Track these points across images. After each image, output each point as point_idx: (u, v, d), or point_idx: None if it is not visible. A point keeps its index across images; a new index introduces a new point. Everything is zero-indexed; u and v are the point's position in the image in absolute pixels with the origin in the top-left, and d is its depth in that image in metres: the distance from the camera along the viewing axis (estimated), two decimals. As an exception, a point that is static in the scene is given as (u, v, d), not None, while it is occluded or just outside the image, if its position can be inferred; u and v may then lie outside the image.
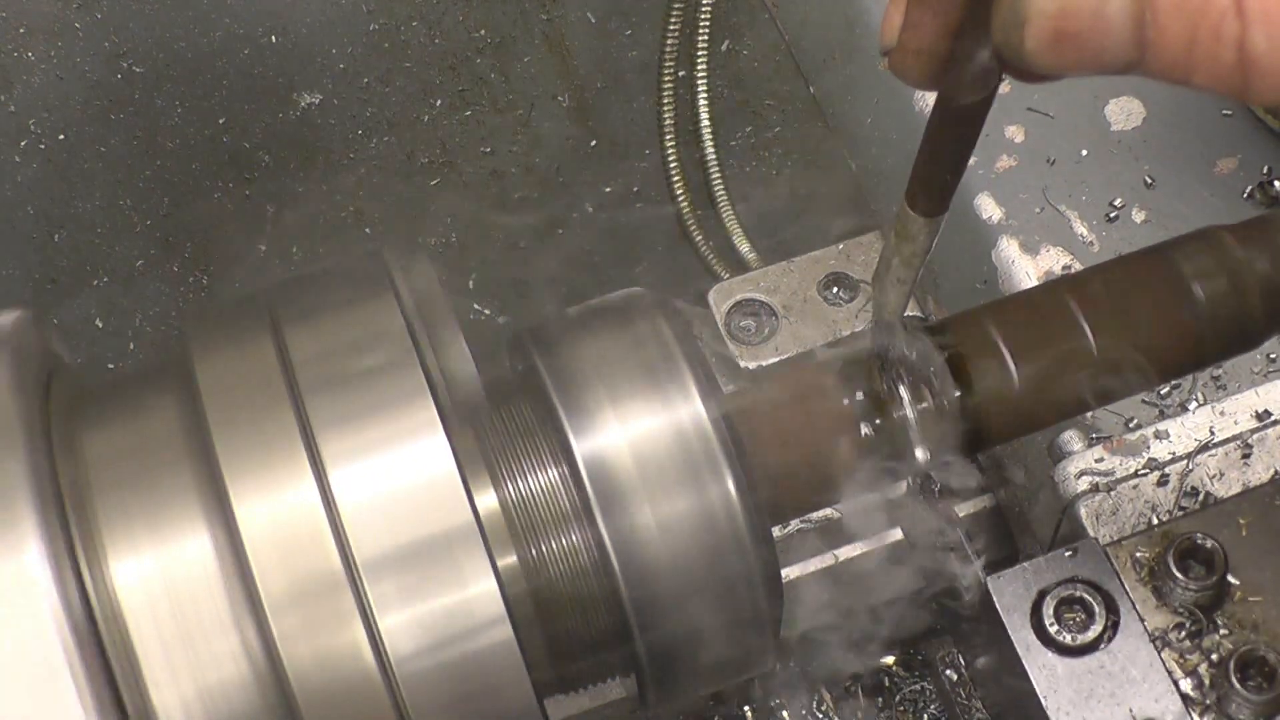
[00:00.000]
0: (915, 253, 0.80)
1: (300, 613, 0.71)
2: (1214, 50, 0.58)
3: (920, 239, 0.78)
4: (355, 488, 0.73)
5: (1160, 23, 0.58)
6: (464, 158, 2.40)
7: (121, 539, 0.74)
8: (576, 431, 0.78)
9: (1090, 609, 0.83)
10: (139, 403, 0.79)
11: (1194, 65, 0.59)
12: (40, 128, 2.18)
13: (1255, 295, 0.84)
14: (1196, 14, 0.58)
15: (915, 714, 1.35)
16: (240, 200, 2.33)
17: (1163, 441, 1.08)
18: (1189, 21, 0.58)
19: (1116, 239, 1.24)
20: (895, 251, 0.80)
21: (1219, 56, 0.58)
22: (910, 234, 0.78)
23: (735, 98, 2.37)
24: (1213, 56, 0.58)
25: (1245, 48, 0.57)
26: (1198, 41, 0.58)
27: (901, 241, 0.79)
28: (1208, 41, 0.58)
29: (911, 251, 0.79)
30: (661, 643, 0.80)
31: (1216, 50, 0.58)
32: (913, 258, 0.80)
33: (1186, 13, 0.58)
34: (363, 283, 0.81)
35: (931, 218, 0.77)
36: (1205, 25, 0.58)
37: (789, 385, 0.87)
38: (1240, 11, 0.57)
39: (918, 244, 0.79)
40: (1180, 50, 0.59)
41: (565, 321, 0.84)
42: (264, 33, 2.19)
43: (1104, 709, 0.81)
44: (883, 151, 1.42)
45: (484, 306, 2.47)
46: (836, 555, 1.29)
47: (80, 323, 2.33)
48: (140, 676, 0.71)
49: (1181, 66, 0.59)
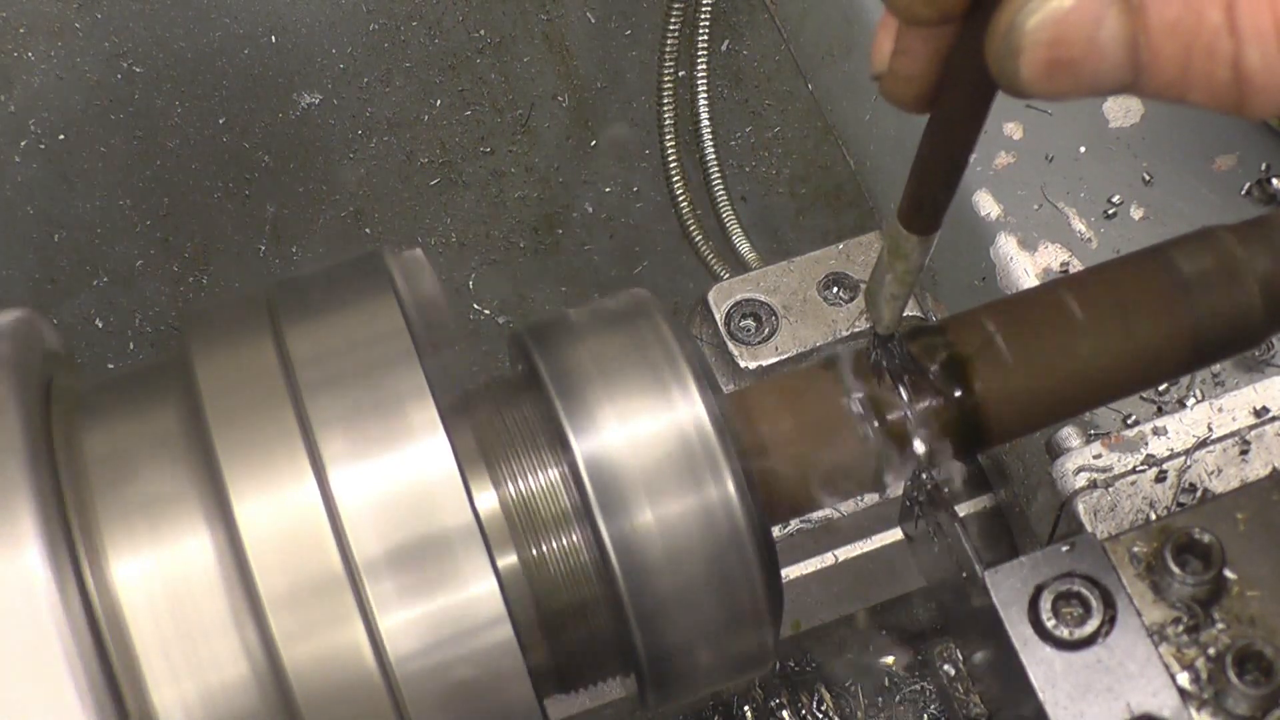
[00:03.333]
0: (909, 270, 0.80)
1: (300, 613, 0.71)
2: (1209, 69, 0.58)
3: (913, 257, 0.79)
4: (355, 487, 0.73)
5: (1154, 45, 0.58)
6: (464, 158, 2.40)
7: (121, 539, 0.74)
8: (576, 431, 0.79)
9: (1088, 603, 0.83)
10: (139, 403, 0.79)
11: (1189, 85, 0.59)
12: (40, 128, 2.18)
13: (1255, 295, 0.84)
14: (1190, 34, 0.58)
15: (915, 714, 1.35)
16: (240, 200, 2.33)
17: (1161, 438, 1.08)
18: (1183, 42, 0.58)
19: (1115, 236, 1.25)
20: (889, 268, 0.80)
21: (1214, 75, 0.58)
22: (903, 252, 0.79)
23: (735, 97, 2.38)
24: (1207, 75, 0.58)
25: (1240, 65, 0.57)
26: (1192, 61, 0.58)
27: (895, 259, 0.79)
28: (1202, 61, 0.58)
29: (905, 269, 0.80)
30: (661, 643, 0.80)
31: (1211, 69, 0.58)
32: (906, 275, 0.80)
33: (1180, 33, 0.58)
34: (363, 283, 0.81)
35: (925, 235, 0.77)
36: (1199, 45, 0.58)
37: (789, 385, 0.87)
38: (1233, 29, 0.57)
39: (911, 262, 0.79)
40: (1175, 71, 0.59)
41: (565, 321, 0.84)
42: (264, 33, 2.20)
43: (1101, 703, 0.81)
44: (881, 149, 1.42)
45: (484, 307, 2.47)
46: (836, 555, 1.30)
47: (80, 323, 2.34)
48: (140, 676, 0.71)
49: (1177, 86, 0.59)
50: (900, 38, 0.68)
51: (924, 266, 0.80)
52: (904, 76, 0.68)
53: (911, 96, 0.69)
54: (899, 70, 0.68)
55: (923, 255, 0.78)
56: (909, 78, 0.68)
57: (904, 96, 0.69)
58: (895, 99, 0.70)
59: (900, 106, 0.70)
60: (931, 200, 0.75)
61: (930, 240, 0.78)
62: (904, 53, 0.68)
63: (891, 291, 0.81)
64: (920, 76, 0.68)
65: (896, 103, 0.70)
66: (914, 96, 0.69)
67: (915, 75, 0.68)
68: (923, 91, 0.69)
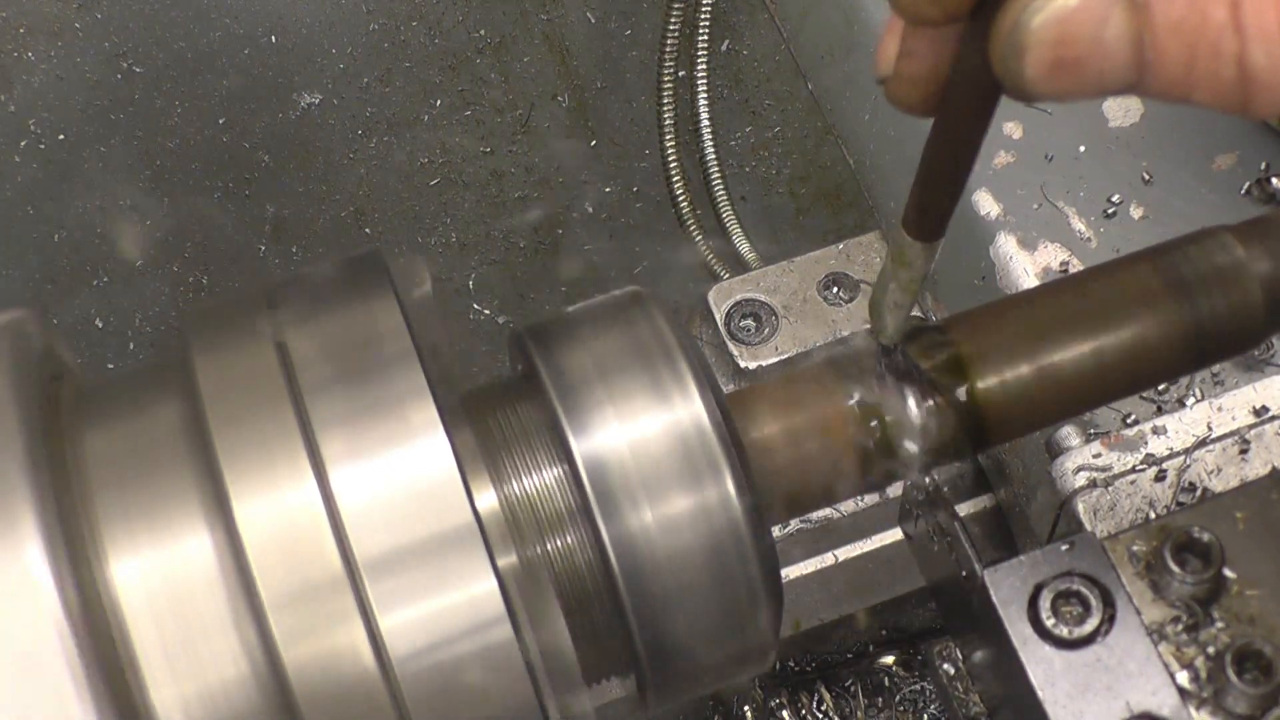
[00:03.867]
0: (913, 278, 0.79)
1: (300, 612, 0.71)
2: (1213, 68, 0.58)
3: (918, 264, 0.78)
4: (355, 487, 0.73)
5: (1159, 44, 0.58)
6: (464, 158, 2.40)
7: (121, 539, 0.74)
8: (576, 431, 0.79)
9: (1087, 602, 0.83)
10: (139, 403, 0.79)
11: (1194, 84, 0.59)
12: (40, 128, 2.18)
13: (1256, 295, 0.84)
14: (1194, 33, 0.57)
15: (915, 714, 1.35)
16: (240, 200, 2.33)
17: (1160, 437, 1.08)
18: (1187, 41, 0.58)
19: (1114, 235, 1.25)
20: (892, 276, 0.80)
21: (1218, 74, 0.58)
22: (907, 260, 0.78)
23: (735, 97, 2.38)
24: (1212, 74, 0.58)
25: (1244, 64, 0.57)
26: (1197, 60, 0.58)
27: (899, 267, 0.79)
28: (1207, 60, 0.58)
29: (909, 277, 0.79)
30: (661, 642, 0.80)
31: (1216, 68, 0.58)
32: (910, 283, 0.80)
33: (1185, 32, 0.58)
34: (363, 283, 0.81)
35: (929, 243, 0.77)
36: (1204, 44, 0.57)
37: (790, 385, 0.87)
38: (1238, 28, 0.57)
39: (915, 269, 0.78)
40: (1180, 70, 0.58)
41: (565, 321, 0.84)
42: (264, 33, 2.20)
43: (1101, 702, 0.81)
44: (881, 149, 1.42)
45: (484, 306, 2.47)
46: (836, 555, 1.30)
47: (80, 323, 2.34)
48: (140, 676, 0.71)
49: (1181, 85, 0.59)
50: (906, 40, 0.68)
51: (929, 274, 0.79)
52: (909, 79, 0.68)
53: (917, 99, 0.69)
54: (904, 73, 0.68)
55: (927, 262, 0.78)
56: (914, 80, 0.68)
57: (909, 100, 0.69)
58: (900, 102, 0.70)
59: (906, 110, 0.70)
60: (936, 206, 0.75)
61: (935, 247, 0.77)
62: (909, 55, 0.68)
63: (895, 300, 0.81)
64: (926, 79, 0.68)
65: (902, 106, 0.70)
66: (920, 100, 0.69)
67: (921, 78, 0.68)
68: (928, 95, 0.69)
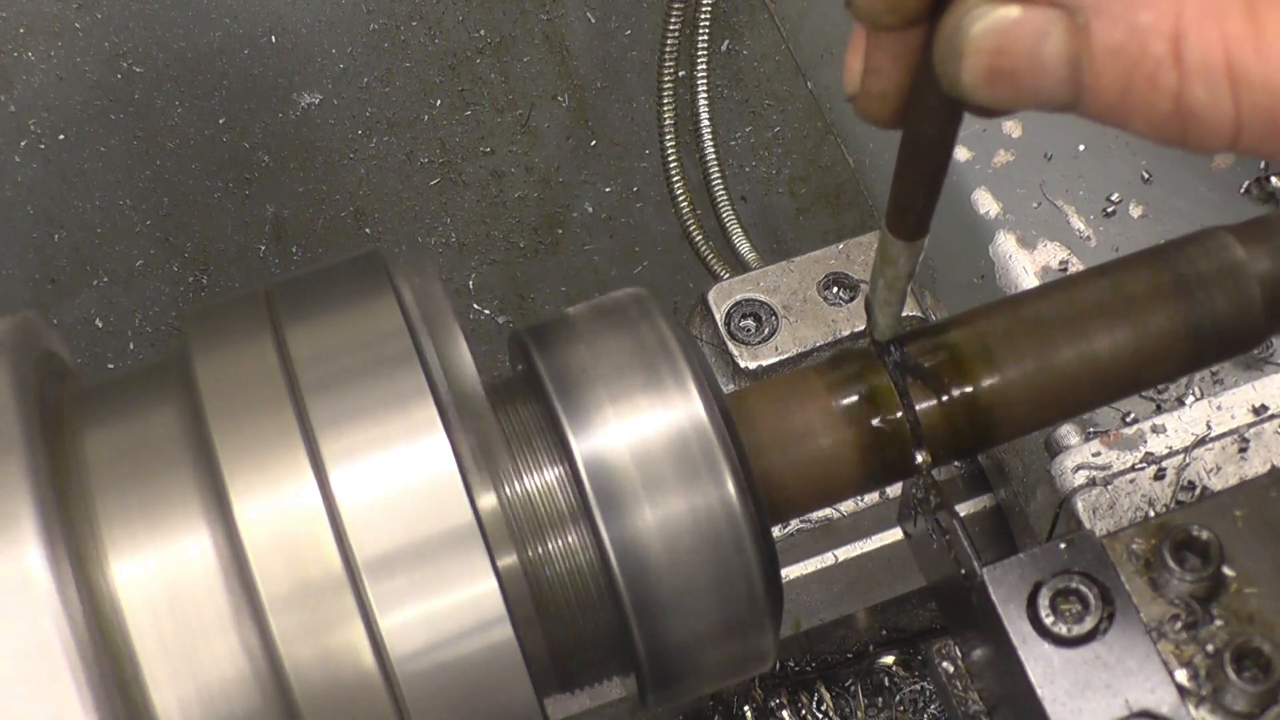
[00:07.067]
0: (898, 276, 0.80)
1: (300, 613, 0.71)
2: (1149, 99, 0.57)
3: (902, 262, 0.79)
4: (355, 487, 0.73)
5: (1095, 67, 0.58)
6: (464, 158, 2.40)
7: (121, 539, 0.74)
8: (576, 431, 0.78)
9: (1086, 600, 0.83)
10: (139, 402, 0.79)
11: (1129, 112, 0.58)
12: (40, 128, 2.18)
13: (1257, 295, 0.84)
14: (1132, 62, 0.57)
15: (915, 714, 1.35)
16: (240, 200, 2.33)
17: (1159, 436, 1.08)
18: (1124, 69, 0.57)
19: (1114, 234, 1.25)
20: (879, 274, 0.81)
21: (1154, 105, 0.57)
22: (891, 258, 0.79)
23: (735, 97, 2.38)
24: (1148, 105, 0.57)
25: (1183, 99, 0.57)
26: (1132, 89, 0.57)
27: (884, 265, 0.80)
28: (1143, 90, 0.57)
29: (895, 275, 0.80)
30: (661, 642, 0.80)
31: (1152, 99, 0.57)
32: (896, 281, 0.81)
33: (1122, 59, 0.57)
34: (363, 282, 0.81)
35: (911, 241, 0.78)
36: (1140, 73, 0.57)
37: (790, 385, 0.87)
38: (1178, 62, 0.56)
39: (900, 268, 0.79)
40: (1115, 96, 0.58)
41: (565, 321, 0.84)
42: (264, 33, 2.20)
43: (1100, 700, 0.81)
44: (880, 147, 1.43)
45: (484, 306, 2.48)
46: (836, 555, 1.30)
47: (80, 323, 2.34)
48: (140, 676, 0.71)
49: (1118, 112, 0.59)
50: (869, 56, 0.68)
51: (914, 273, 0.80)
52: (877, 95, 0.69)
53: (887, 115, 0.70)
54: (871, 89, 0.69)
55: (911, 261, 0.79)
56: (881, 96, 0.69)
57: (879, 115, 0.70)
58: (870, 118, 0.70)
59: (876, 125, 0.71)
60: (914, 207, 0.76)
61: (918, 246, 0.78)
62: (874, 71, 0.68)
63: (883, 298, 0.82)
64: (893, 94, 0.69)
65: (872, 121, 0.71)
66: (889, 115, 0.70)
67: (888, 92, 0.69)
68: (897, 108, 0.69)
